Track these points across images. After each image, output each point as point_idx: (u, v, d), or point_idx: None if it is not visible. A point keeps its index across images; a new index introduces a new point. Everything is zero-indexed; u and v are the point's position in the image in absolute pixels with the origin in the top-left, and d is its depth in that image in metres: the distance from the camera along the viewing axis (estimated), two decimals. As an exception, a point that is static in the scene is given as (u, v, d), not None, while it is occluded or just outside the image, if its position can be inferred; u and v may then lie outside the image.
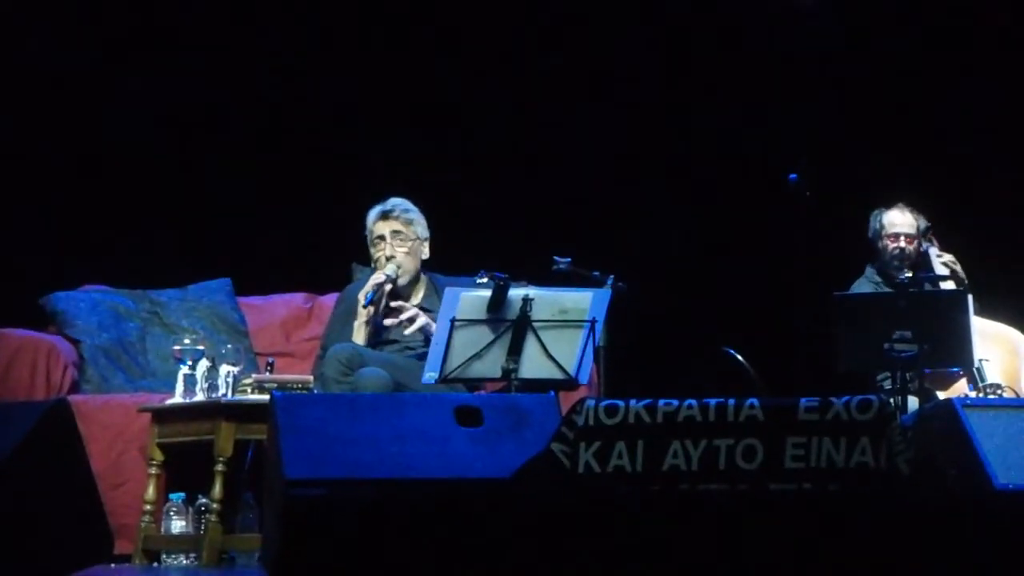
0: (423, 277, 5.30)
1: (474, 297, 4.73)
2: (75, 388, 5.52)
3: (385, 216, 5.24)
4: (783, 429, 3.25)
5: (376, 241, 5.24)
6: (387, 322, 5.14)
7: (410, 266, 5.23)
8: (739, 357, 5.37)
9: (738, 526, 3.02)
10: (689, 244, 6.39)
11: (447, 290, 4.79)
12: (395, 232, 5.22)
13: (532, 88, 6.42)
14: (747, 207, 6.27)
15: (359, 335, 5.11)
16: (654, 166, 6.47)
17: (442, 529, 3.02)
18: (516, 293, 4.71)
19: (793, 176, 5.21)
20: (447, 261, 5.41)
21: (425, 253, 5.28)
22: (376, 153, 6.26)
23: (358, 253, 5.47)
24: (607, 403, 3.32)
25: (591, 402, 3.33)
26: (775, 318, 5.72)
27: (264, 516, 4.45)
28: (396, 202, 5.27)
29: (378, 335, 5.16)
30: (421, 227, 5.27)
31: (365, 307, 5.10)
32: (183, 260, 6.11)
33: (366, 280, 5.20)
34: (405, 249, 5.22)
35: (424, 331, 5.07)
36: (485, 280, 4.79)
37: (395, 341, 5.17)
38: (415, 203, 5.30)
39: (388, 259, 5.19)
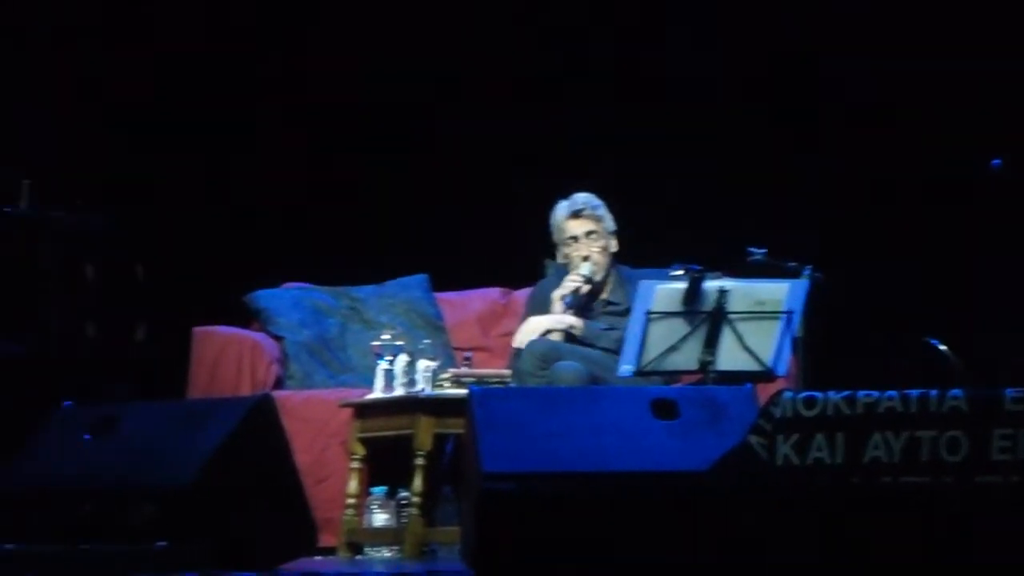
0: (611, 270, 5.30)
1: (669, 290, 4.71)
2: (279, 384, 5.64)
3: (576, 215, 5.24)
4: (989, 420, 3.19)
5: (568, 241, 5.24)
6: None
7: (603, 262, 5.23)
8: (942, 347, 5.27)
9: (943, 520, 2.98)
10: (889, 231, 6.27)
11: (641, 283, 4.78)
12: (589, 232, 5.22)
13: (728, 73, 6.34)
14: (949, 193, 6.13)
15: (556, 336, 5.14)
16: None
17: (638, 522, 3.03)
18: (711, 285, 4.68)
19: (997, 161, 5.09)
20: (636, 253, 5.40)
21: (614, 246, 5.28)
22: (568, 144, 6.25)
23: (552, 248, 5.48)
24: (805, 395, 3.29)
25: (789, 394, 3.30)
26: (978, 306, 5.60)
27: (463, 509, 4.50)
28: (584, 199, 5.26)
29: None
30: (609, 221, 5.26)
31: (566, 310, 5.14)
32: (381, 256, 6.20)
33: (558, 278, 5.22)
34: (599, 248, 5.22)
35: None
36: (680, 272, 4.77)
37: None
38: (603, 195, 5.29)
39: (584, 259, 5.20)
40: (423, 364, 4.98)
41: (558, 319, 5.17)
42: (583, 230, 5.23)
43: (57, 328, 5.14)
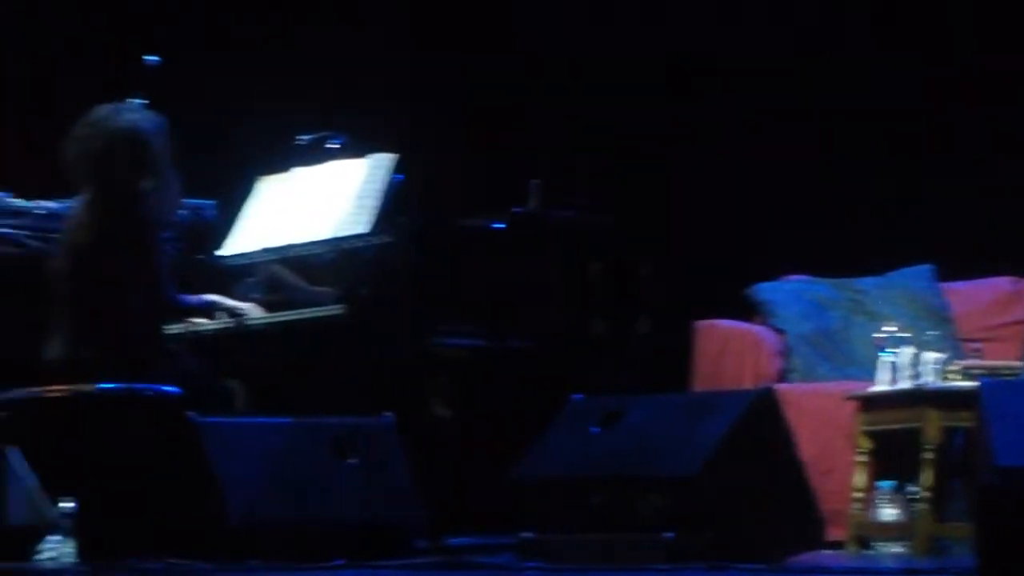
0: None
1: None
2: (781, 377, 5.70)
3: None
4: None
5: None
6: None
7: None
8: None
9: None
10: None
11: None
12: None
13: None
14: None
15: None
16: None
17: None
18: None
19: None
20: None
21: None
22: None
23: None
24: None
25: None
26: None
27: (973, 504, 4.42)
28: None
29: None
30: None
31: None
32: (883, 247, 6.17)
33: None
34: None
35: None
36: None
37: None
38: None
39: None
40: (930, 356, 4.96)
41: None
42: None
43: (565, 324, 5.36)
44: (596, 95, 6.47)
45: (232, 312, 5.06)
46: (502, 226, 5.14)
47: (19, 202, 5.15)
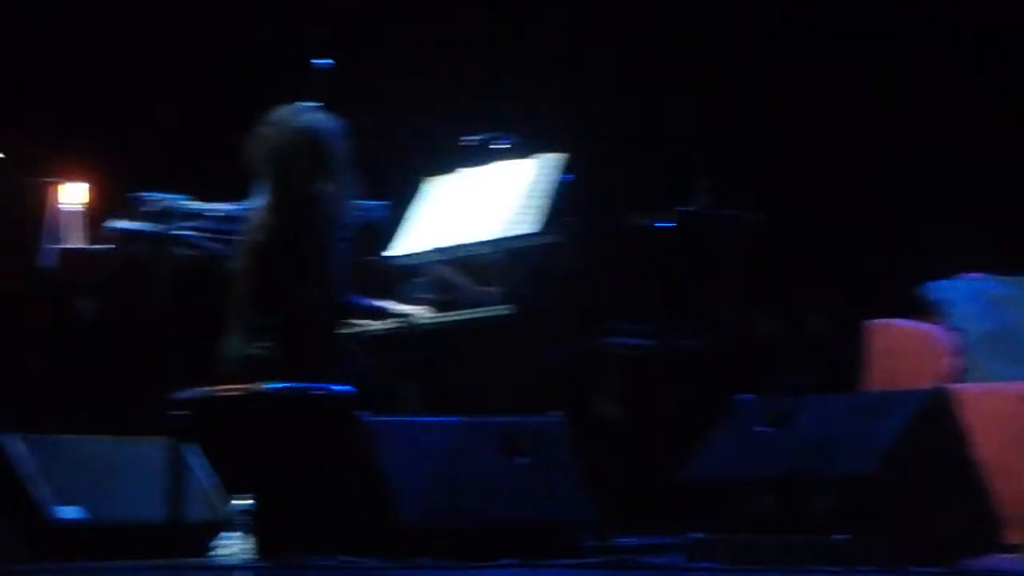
0: None
1: None
2: (957, 377, 5.64)
3: None
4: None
5: None
6: None
7: None
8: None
9: None
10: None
11: None
12: None
13: None
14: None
15: None
16: None
17: None
18: None
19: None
20: None
21: None
22: None
23: None
24: None
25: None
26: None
27: None
28: None
29: None
30: None
31: None
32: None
33: None
34: None
35: None
36: None
37: None
38: None
39: None
40: None
41: None
42: None
43: (733, 323, 5.38)
44: (757, 91, 6.47)
45: (403, 314, 5.16)
46: (670, 225, 5.17)
47: (196, 204, 5.29)
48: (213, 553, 4.86)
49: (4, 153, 5.17)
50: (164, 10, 6.74)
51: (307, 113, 5.01)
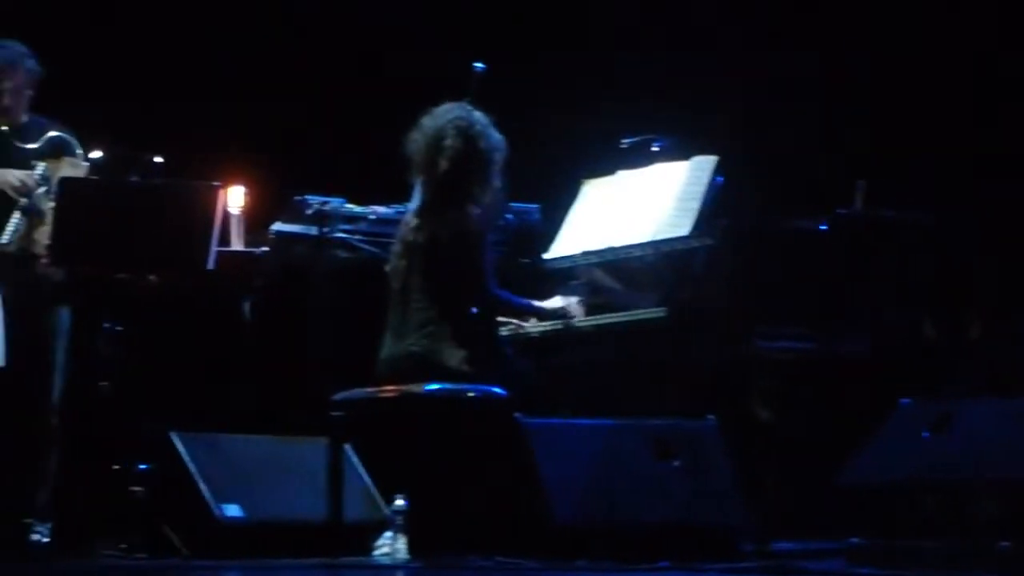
0: None
1: None
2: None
3: None
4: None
5: None
6: None
7: None
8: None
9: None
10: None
11: None
12: None
13: None
14: None
15: None
16: None
17: None
18: None
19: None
20: None
21: None
22: None
23: None
24: None
25: None
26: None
27: None
28: None
29: None
30: None
31: None
32: None
33: None
34: None
35: None
36: None
37: None
38: None
39: None
40: None
41: None
42: None
43: (895, 327, 5.36)
44: (922, 91, 6.42)
45: (557, 314, 5.21)
46: (828, 227, 5.17)
47: (354, 208, 5.40)
48: (374, 553, 4.97)
49: (165, 157, 5.27)
50: (321, 16, 6.87)
51: (461, 112, 5.09)
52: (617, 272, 5.34)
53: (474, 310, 5.05)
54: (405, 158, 5.05)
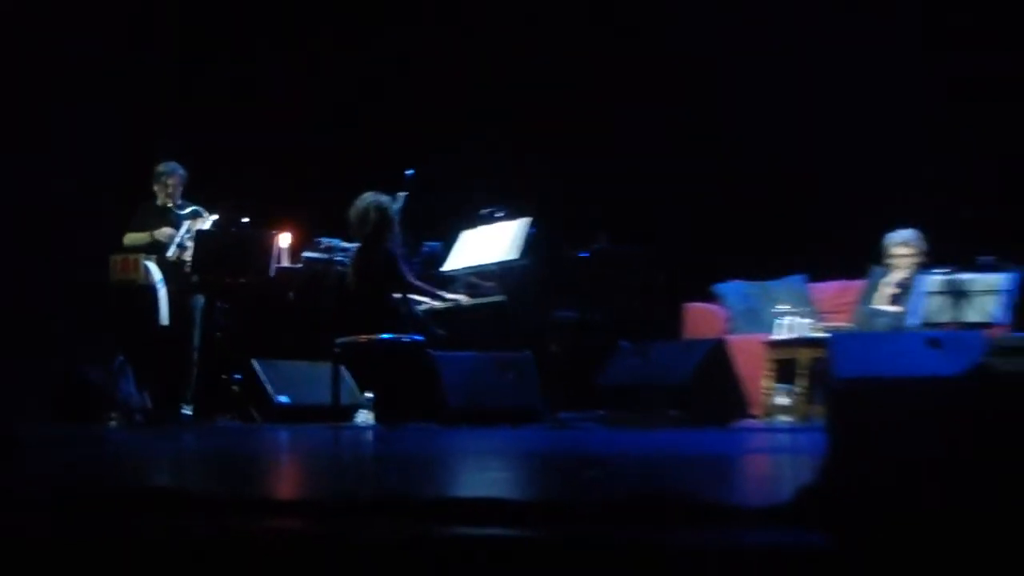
0: None
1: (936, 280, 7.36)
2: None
3: None
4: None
5: None
6: None
7: None
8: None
9: None
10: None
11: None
12: None
13: None
14: None
15: None
16: None
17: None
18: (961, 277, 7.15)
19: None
20: None
21: None
22: None
23: None
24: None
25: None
26: None
27: (827, 397, 4.98)
28: None
29: None
30: None
31: None
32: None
33: None
34: None
35: None
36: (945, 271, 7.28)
37: None
38: None
39: None
40: (804, 321, 7.73)
41: None
42: None
43: (622, 307, 7.77)
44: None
45: (451, 298, 7.69)
46: (587, 255, 7.77)
47: (343, 243, 7.89)
48: (356, 420, 7.46)
49: (249, 217, 7.55)
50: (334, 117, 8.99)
51: (375, 196, 7.14)
52: (481, 276, 7.74)
53: (396, 296, 7.02)
54: (350, 216, 7.02)
